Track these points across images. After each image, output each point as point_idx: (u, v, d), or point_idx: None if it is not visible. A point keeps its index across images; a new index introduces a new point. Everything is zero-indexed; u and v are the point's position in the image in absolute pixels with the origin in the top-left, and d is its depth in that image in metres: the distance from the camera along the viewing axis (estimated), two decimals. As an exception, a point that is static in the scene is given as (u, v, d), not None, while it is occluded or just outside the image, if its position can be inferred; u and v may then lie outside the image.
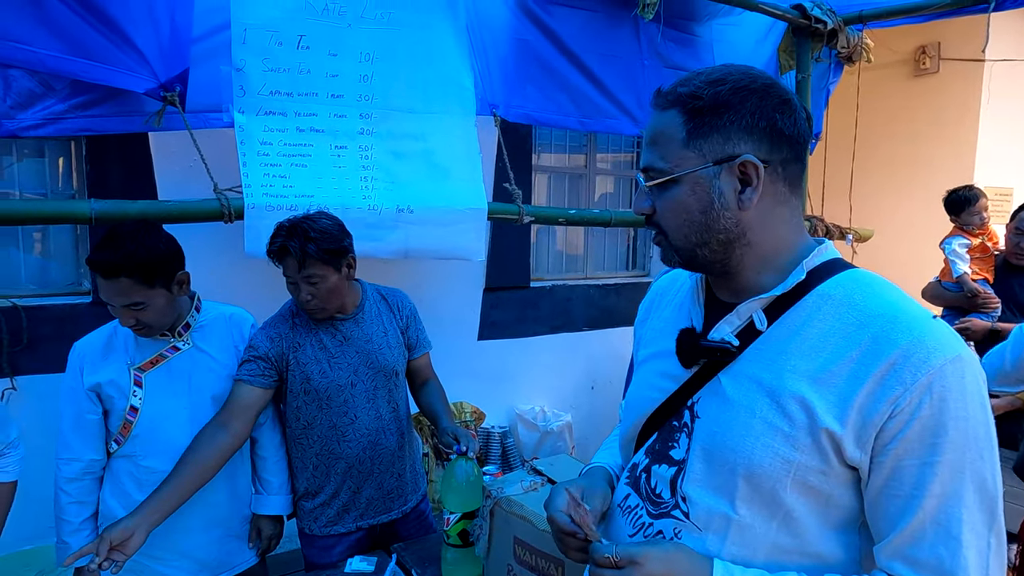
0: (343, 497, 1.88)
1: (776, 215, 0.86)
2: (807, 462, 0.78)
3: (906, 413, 0.74)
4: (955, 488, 0.75)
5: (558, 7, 3.03)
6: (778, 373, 0.81)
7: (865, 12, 3.51)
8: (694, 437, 0.88)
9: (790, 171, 0.86)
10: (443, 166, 2.71)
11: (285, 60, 2.41)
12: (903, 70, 6.54)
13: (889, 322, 0.77)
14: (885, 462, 0.76)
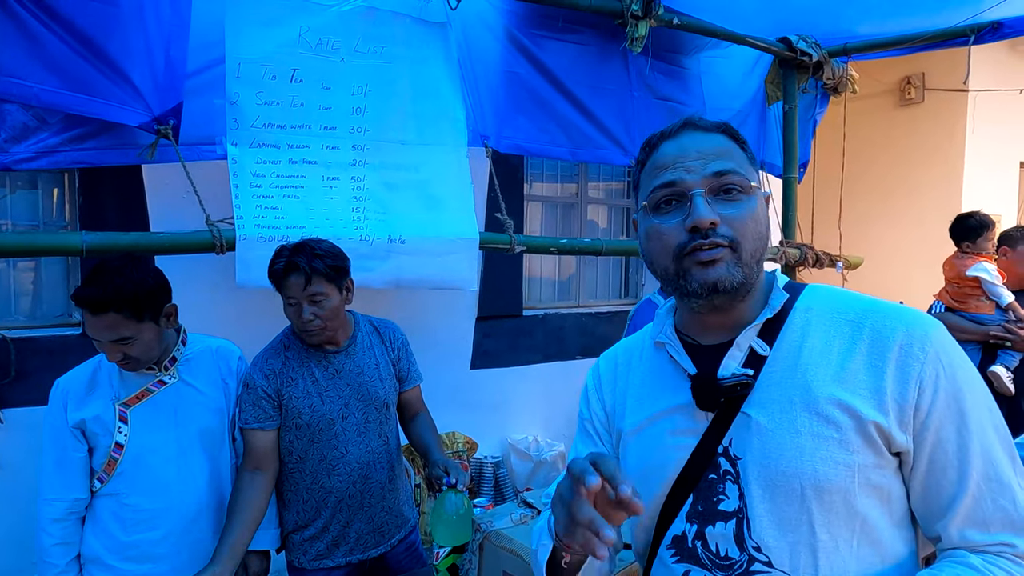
0: (333, 531, 1.86)
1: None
2: (865, 460, 0.80)
3: (930, 385, 0.79)
4: (988, 441, 0.80)
5: (548, 40, 3.09)
6: (804, 387, 0.82)
7: (849, 45, 3.59)
8: (745, 479, 0.84)
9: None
10: (435, 197, 2.73)
11: (278, 93, 2.44)
12: (889, 100, 6.65)
13: (880, 314, 0.84)
14: (927, 437, 0.80)
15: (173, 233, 2.22)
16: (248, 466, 1.75)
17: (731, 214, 0.84)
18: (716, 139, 0.88)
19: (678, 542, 0.90)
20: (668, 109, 3.43)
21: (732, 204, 0.85)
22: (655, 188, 0.88)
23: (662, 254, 0.88)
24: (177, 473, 1.61)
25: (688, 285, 0.85)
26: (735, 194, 0.85)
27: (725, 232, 0.84)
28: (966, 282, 3.06)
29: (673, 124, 0.91)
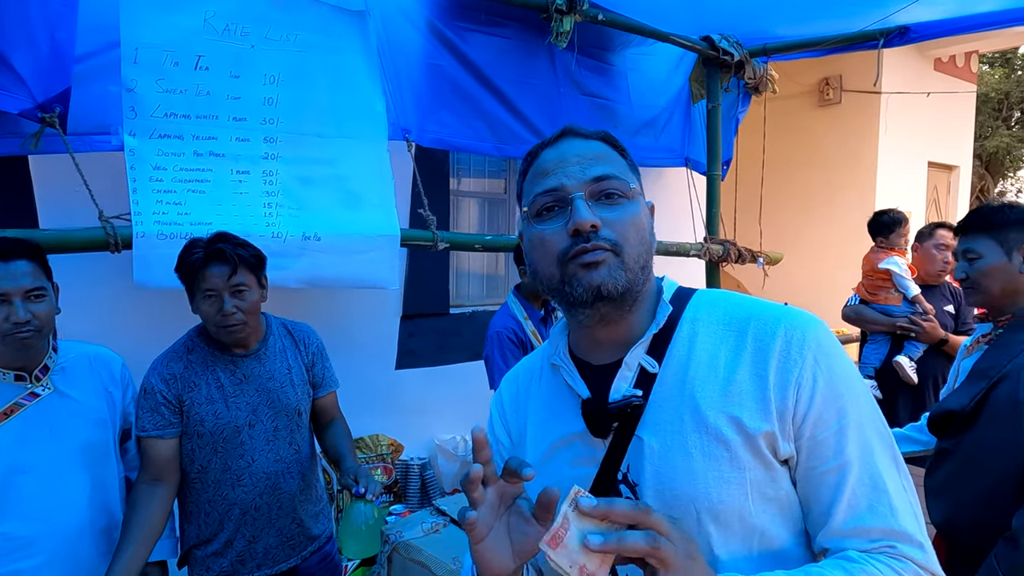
0: (238, 546, 1.76)
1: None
2: (756, 476, 0.78)
3: (807, 389, 0.78)
4: (866, 444, 0.78)
5: (472, 33, 3.03)
6: (693, 405, 0.80)
7: (769, 45, 3.68)
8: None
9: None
10: (354, 192, 2.63)
11: (182, 81, 2.29)
12: (809, 101, 6.90)
13: (760, 320, 0.83)
14: (804, 443, 0.79)
15: (63, 230, 2.05)
16: (146, 477, 1.65)
17: (612, 217, 0.83)
18: (595, 146, 0.88)
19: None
20: (595, 105, 3.43)
21: (613, 208, 0.83)
22: (536, 195, 0.86)
23: (545, 261, 0.85)
24: (55, 494, 1.47)
25: (573, 291, 0.82)
26: (616, 198, 0.84)
27: (607, 235, 0.82)
28: (878, 275, 3.18)
29: (554, 133, 0.90)
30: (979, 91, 10.34)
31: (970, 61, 7.84)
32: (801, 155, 6.84)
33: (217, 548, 1.75)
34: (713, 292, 0.92)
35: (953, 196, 8.09)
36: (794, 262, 5.37)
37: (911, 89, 6.75)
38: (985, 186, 20.45)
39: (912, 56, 6.98)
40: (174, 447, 1.69)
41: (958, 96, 7.54)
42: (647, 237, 0.85)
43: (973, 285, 1.76)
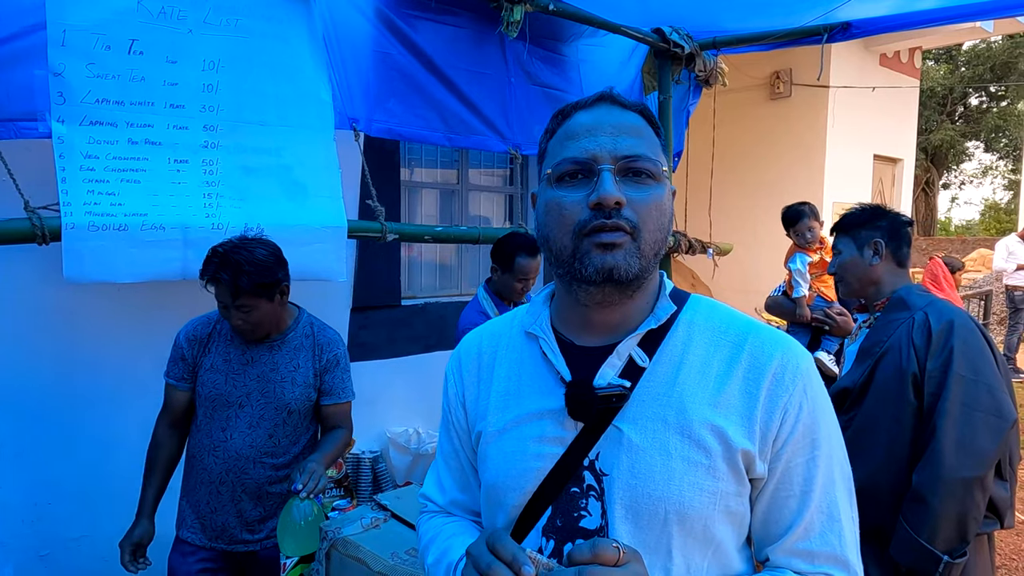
0: (202, 511, 1.85)
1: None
2: (727, 488, 0.78)
3: (792, 416, 0.79)
4: (830, 475, 0.82)
5: (422, 21, 2.99)
6: (680, 408, 0.79)
7: (718, 39, 3.72)
8: (608, 498, 0.79)
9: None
10: (299, 182, 2.58)
11: (114, 66, 2.20)
12: (760, 94, 7.02)
13: (758, 339, 0.83)
14: (779, 466, 0.80)
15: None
16: (166, 418, 1.92)
17: (637, 198, 0.79)
18: (631, 118, 0.83)
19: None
20: (546, 96, 3.42)
21: (640, 188, 0.80)
22: (562, 159, 0.81)
23: (560, 229, 0.81)
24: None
25: (583, 269, 0.78)
26: (644, 178, 0.80)
27: (629, 216, 0.78)
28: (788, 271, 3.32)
29: (589, 96, 0.86)
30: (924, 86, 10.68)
31: (914, 57, 8.07)
32: (752, 147, 6.97)
33: (189, 503, 1.88)
34: (709, 300, 0.90)
35: (898, 188, 8.35)
36: (744, 253, 5.47)
37: (858, 84, 6.92)
38: (930, 178, 21.21)
39: (859, 52, 7.16)
40: (186, 399, 1.90)
41: (903, 91, 7.77)
42: (666, 224, 0.82)
43: (839, 278, 1.99)
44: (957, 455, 1.58)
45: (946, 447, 1.59)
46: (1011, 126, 20.57)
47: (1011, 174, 23.18)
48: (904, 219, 1.95)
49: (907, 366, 1.69)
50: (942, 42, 9.88)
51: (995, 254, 7.80)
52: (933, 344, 1.67)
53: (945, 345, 1.66)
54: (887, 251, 1.88)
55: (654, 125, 0.86)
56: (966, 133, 22.01)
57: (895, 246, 1.89)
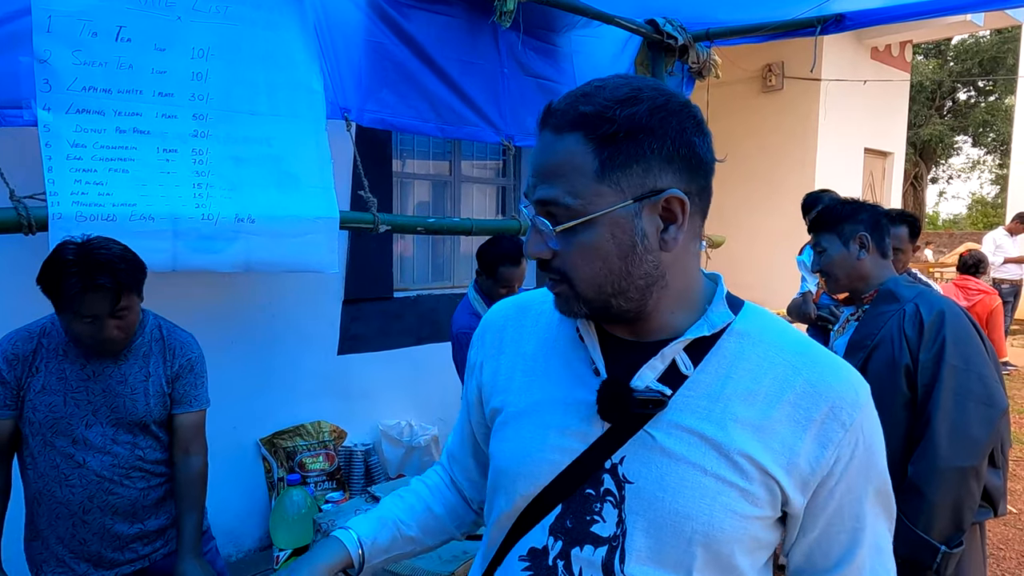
0: (69, 544, 1.65)
1: (691, 251, 0.77)
2: (761, 514, 0.74)
3: (847, 454, 0.75)
4: (879, 510, 0.80)
5: (414, 10, 2.96)
6: (720, 423, 0.73)
7: (711, 30, 3.71)
8: (628, 507, 0.75)
9: (705, 200, 0.77)
10: (291, 173, 2.55)
11: (101, 53, 2.16)
12: (752, 86, 7.02)
13: (815, 364, 0.76)
14: (831, 503, 0.76)
15: (-30, 210, 1.92)
16: None
17: (562, 250, 0.74)
18: (562, 145, 0.72)
19: (536, 555, 0.80)
20: (539, 87, 3.40)
21: (563, 236, 0.73)
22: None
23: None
24: None
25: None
26: (564, 225, 0.72)
27: (558, 265, 0.75)
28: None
29: (545, 110, 0.76)
30: (914, 80, 10.73)
31: (904, 51, 8.10)
32: (744, 140, 6.97)
33: (46, 544, 1.66)
34: (764, 310, 0.83)
35: (888, 182, 8.39)
36: (737, 245, 5.48)
37: (849, 77, 6.94)
38: (919, 172, 21.34)
39: (850, 45, 7.17)
40: (10, 428, 1.62)
41: (893, 84, 7.80)
42: (611, 260, 0.72)
43: (826, 275, 1.97)
44: (951, 445, 1.60)
45: (940, 437, 1.61)
46: (999, 121, 20.71)
47: (998, 169, 23.36)
48: (882, 210, 1.96)
49: (900, 358, 1.70)
50: (932, 36, 9.92)
51: (983, 248, 7.87)
52: (925, 335, 1.68)
53: (937, 336, 1.67)
54: (872, 244, 1.88)
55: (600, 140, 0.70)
56: (954, 128, 22.15)
57: (878, 238, 1.90)
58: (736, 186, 6.87)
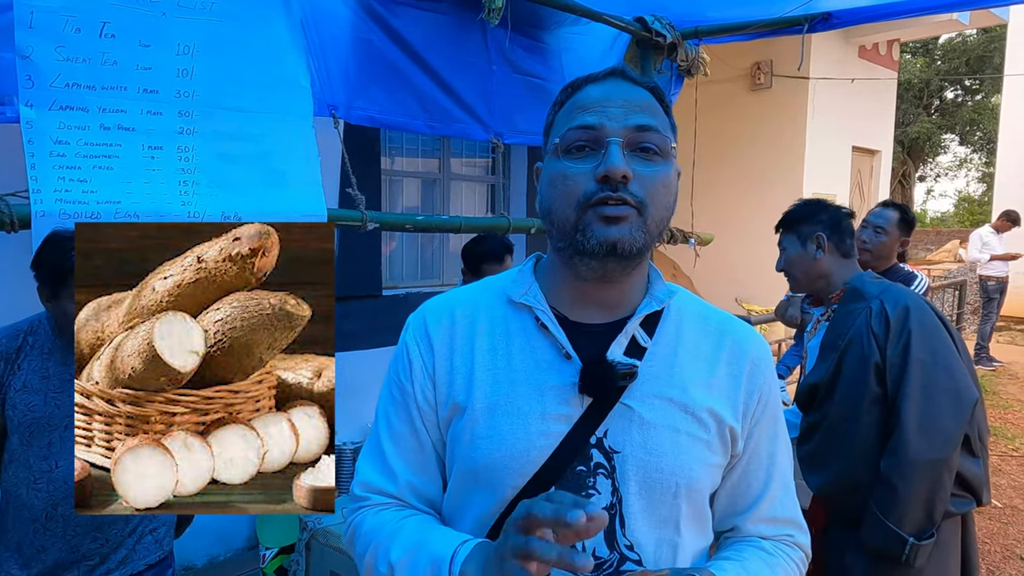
0: (26, 552, 1.60)
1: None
2: (720, 462, 0.86)
3: (764, 398, 0.88)
4: (782, 448, 0.92)
5: (403, 7, 2.95)
6: (682, 387, 0.84)
7: (700, 28, 3.71)
8: (620, 475, 0.80)
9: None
10: (278, 170, 2.54)
11: (85, 49, 2.14)
12: (741, 85, 7.05)
13: (735, 328, 0.91)
14: (750, 444, 0.88)
15: (-49, 208, 1.90)
16: None
17: (645, 172, 0.80)
18: (643, 94, 0.84)
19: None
20: (528, 84, 3.40)
21: (648, 163, 0.80)
22: (571, 128, 0.81)
23: (565, 201, 0.80)
24: None
25: (586, 241, 0.78)
26: (652, 154, 0.81)
27: (636, 190, 0.78)
28: None
29: (600, 70, 0.86)
30: (901, 79, 10.80)
31: (892, 49, 8.15)
32: (733, 138, 6.99)
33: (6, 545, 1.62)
34: (683, 289, 0.94)
35: (876, 180, 8.45)
36: (726, 242, 5.50)
37: (838, 75, 6.97)
38: (907, 170, 21.50)
39: (838, 44, 7.21)
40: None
41: (881, 83, 7.84)
42: (671, 202, 0.84)
43: (787, 274, 2.02)
44: (921, 438, 1.62)
45: (910, 431, 1.63)
46: (985, 120, 20.89)
47: (984, 167, 23.57)
48: (845, 211, 1.97)
49: (869, 355, 1.71)
50: (919, 35, 9.98)
51: (969, 245, 7.94)
52: (891, 331, 1.69)
53: (902, 331, 1.69)
54: (830, 244, 1.90)
55: (664, 104, 0.86)
56: (942, 126, 22.32)
57: (838, 239, 1.91)
58: (725, 184, 6.89)
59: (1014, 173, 10.42)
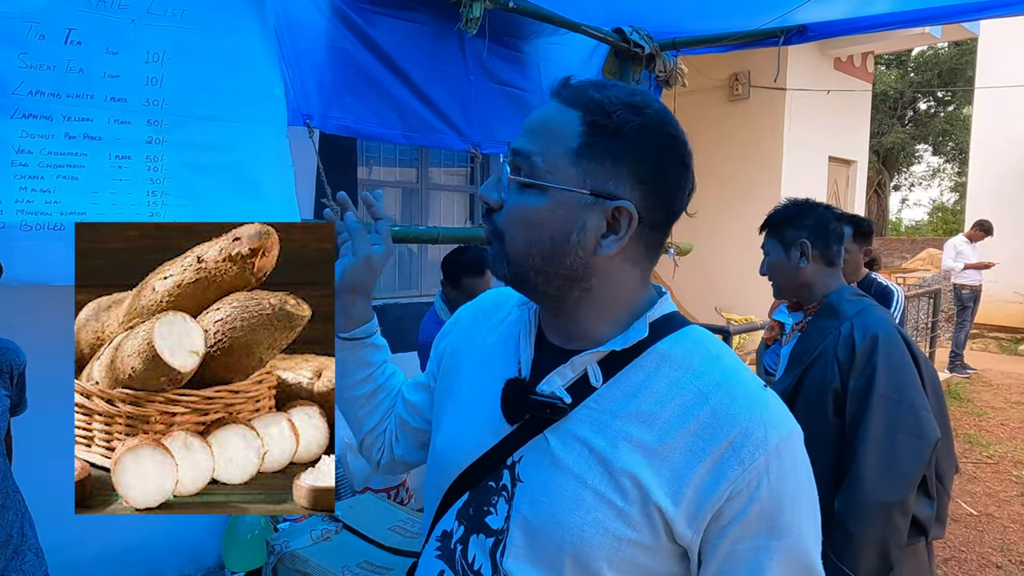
0: None
1: (625, 271, 0.78)
2: (638, 539, 0.72)
3: (745, 495, 0.69)
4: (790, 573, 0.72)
5: (379, 16, 2.92)
6: (612, 440, 0.73)
7: (678, 39, 3.73)
8: (514, 504, 0.77)
9: (654, 238, 0.79)
10: (251, 180, 2.49)
11: (50, 56, 2.09)
12: (719, 95, 7.11)
13: (729, 395, 0.73)
14: (721, 545, 0.71)
15: (-95, 219, 1.83)
16: None
17: (507, 203, 0.77)
18: (559, 114, 0.75)
19: (445, 539, 0.85)
20: (506, 94, 3.38)
21: (515, 192, 0.76)
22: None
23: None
24: None
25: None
26: (525, 184, 0.75)
27: (496, 219, 0.78)
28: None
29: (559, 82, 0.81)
30: (876, 90, 10.98)
31: (867, 61, 8.28)
32: (712, 148, 7.05)
33: None
34: (706, 336, 0.81)
35: (852, 189, 8.56)
36: (705, 252, 5.52)
37: (814, 87, 7.06)
38: (882, 180, 21.85)
39: (814, 55, 7.31)
40: None
41: (856, 94, 7.96)
42: (540, 238, 0.74)
43: (770, 280, 1.92)
44: (878, 479, 1.54)
45: (866, 471, 1.55)
46: (957, 130, 21.31)
47: (957, 176, 24.03)
48: (832, 214, 1.86)
49: (830, 379, 1.64)
50: (893, 47, 10.17)
51: (944, 254, 8.05)
52: (856, 361, 1.61)
53: (868, 363, 1.60)
54: (814, 252, 1.79)
55: (595, 127, 0.73)
56: (915, 136, 22.74)
57: (823, 245, 1.80)
58: (704, 194, 6.92)
59: (986, 183, 10.62)
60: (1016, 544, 3.72)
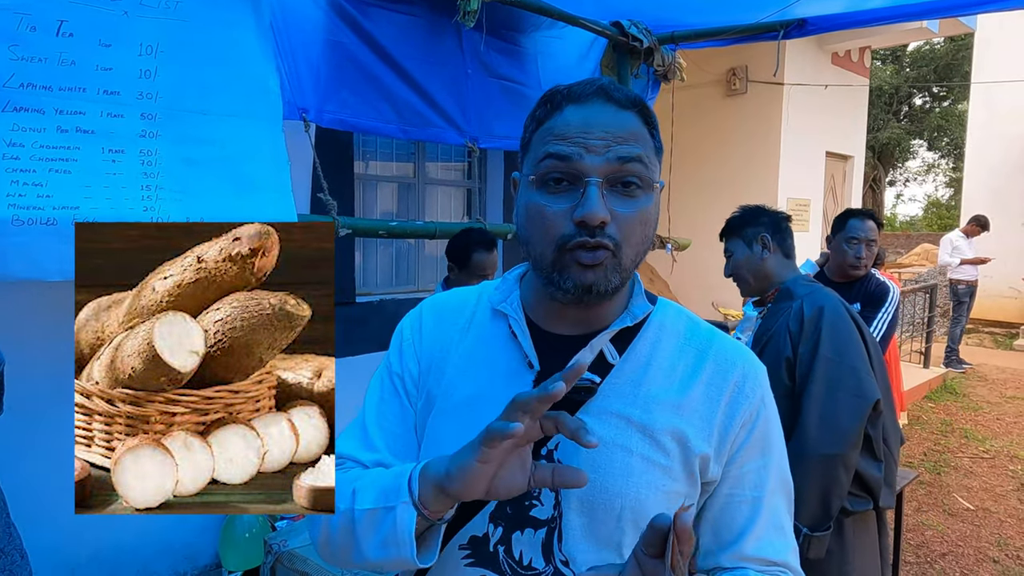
0: None
1: None
2: (680, 489, 0.80)
3: (749, 424, 0.82)
4: (776, 485, 0.85)
5: (376, 9, 2.89)
6: (645, 407, 0.80)
7: (676, 33, 3.71)
8: (564, 490, 0.79)
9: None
10: (246, 175, 2.46)
11: (41, 48, 2.06)
12: (717, 90, 7.09)
13: (720, 347, 0.85)
14: (731, 470, 0.83)
15: None
16: None
17: (623, 212, 0.76)
18: (628, 120, 0.77)
19: (476, 544, 0.83)
20: (504, 88, 3.36)
21: (627, 201, 0.76)
22: (548, 156, 0.76)
23: (542, 238, 0.78)
24: None
25: (563, 282, 0.77)
26: (633, 189, 0.76)
27: (612, 233, 0.75)
28: None
29: (583, 86, 0.79)
30: (872, 85, 10.98)
31: (864, 56, 8.26)
32: (709, 143, 7.03)
33: None
34: (675, 304, 0.90)
35: (848, 184, 8.55)
36: (703, 247, 5.51)
37: (811, 82, 7.04)
38: (877, 175, 21.87)
39: (812, 50, 7.28)
40: None
41: (853, 89, 7.94)
42: (650, 233, 0.80)
43: (736, 278, 2.08)
44: (820, 433, 1.67)
45: (809, 425, 1.69)
46: (952, 126, 21.33)
47: (952, 172, 24.07)
48: (783, 215, 2.06)
49: (783, 350, 1.79)
50: (890, 42, 10.15)
51: (940, 249, 8.07)
52: (804, 329, 1.76)
53: (814, 330, 1.75)
54: (774, 244, 1.97)
55: (651, 124, 0.80)
56: (911, 132, 22.77)
57: (780, 239, 1.98)
58: (701, 188, 6.92)
59: (981, 179, 10.63)
60: (1012, 539, 3.72)
